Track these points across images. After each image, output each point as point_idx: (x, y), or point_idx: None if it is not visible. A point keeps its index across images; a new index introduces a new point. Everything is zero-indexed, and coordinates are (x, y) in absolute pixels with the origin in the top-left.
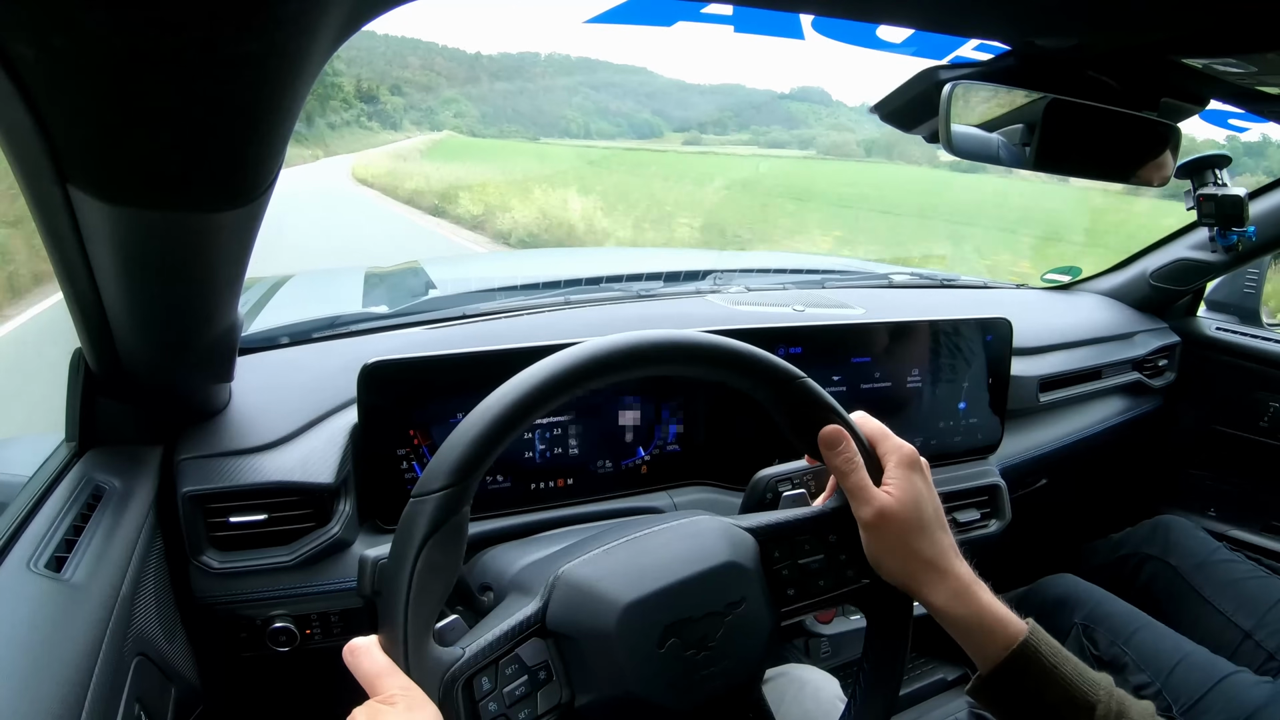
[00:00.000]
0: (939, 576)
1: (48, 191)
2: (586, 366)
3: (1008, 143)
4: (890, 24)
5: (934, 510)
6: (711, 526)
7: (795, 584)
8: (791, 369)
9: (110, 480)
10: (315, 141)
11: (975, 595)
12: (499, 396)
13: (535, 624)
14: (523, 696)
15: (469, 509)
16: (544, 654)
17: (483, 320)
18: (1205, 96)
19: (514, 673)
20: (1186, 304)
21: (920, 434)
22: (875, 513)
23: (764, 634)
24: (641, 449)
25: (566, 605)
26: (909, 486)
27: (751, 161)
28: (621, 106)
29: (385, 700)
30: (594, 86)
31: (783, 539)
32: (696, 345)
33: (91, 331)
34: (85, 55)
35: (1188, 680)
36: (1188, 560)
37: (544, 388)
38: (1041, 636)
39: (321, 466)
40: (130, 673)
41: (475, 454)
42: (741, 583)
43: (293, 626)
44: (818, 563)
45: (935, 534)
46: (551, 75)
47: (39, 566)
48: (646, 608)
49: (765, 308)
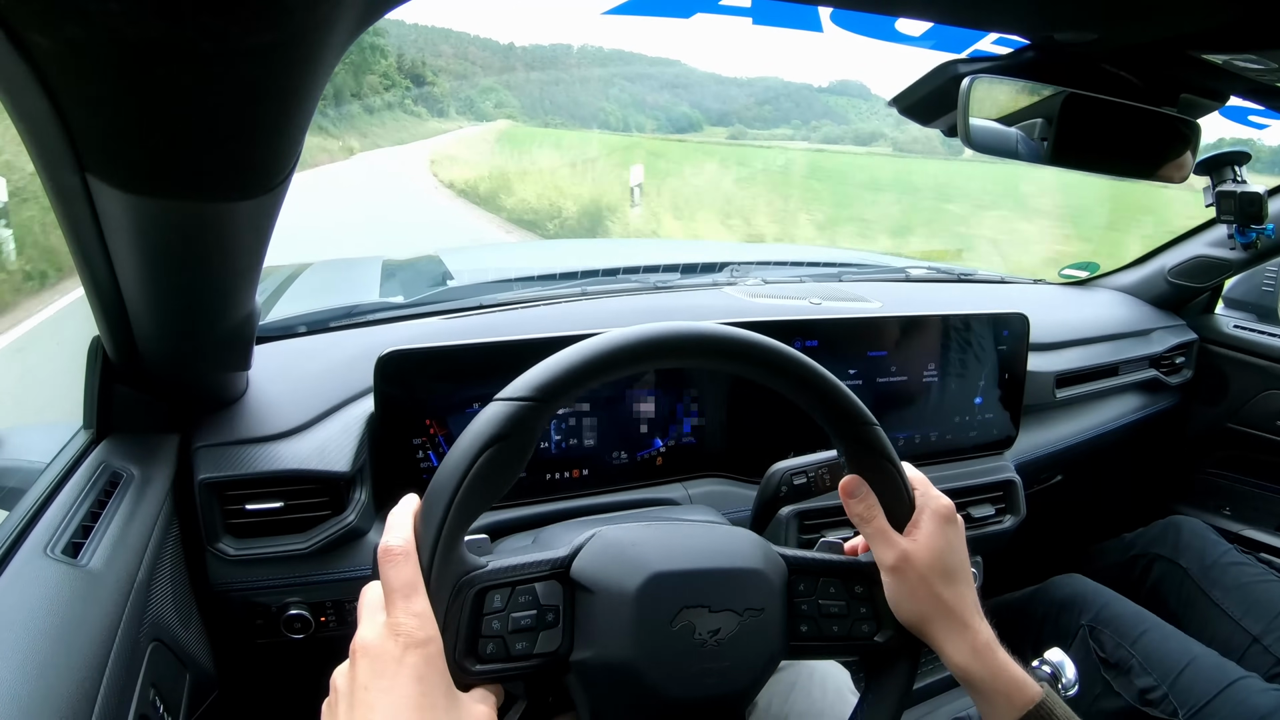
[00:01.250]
0: (959, 629)
1: (67, 181)
2: (692, 343)
3: (1026, 137)
4: (909, 17)
5: (960, 563)
6: (750, 537)
7: (811, 622)
8: (867, 413)
9: (127, 467)
10: (349, 127)
11: (994, 654)
12: (606, 337)
13: (560, 567)
14: (525, 629)
15: (538, 437)
16: (558, 599)
17: (499, 311)
18: (1225, 92)
19: (526, 603)
20: (1204, 301)
21: (935, 428)
22: (898, 556)
23: (770, 650)
24: (658, 440)
25: (595, 558)
26: (938, 535)
27: (864, 160)
28: (658, 99)
29: (391, 628)
30: (629, 78)
31: (811, 576)
32: (790, 360)
33: (110, 320)
34: (101, 45)
35: (1195, 684)
36: (1197, 562)
37: (646, 346)
38: (1055, 701)
39: (338, 455)
40: (145, 658)
41: (564, 378)
42: (765, 593)
43: (307, 614)
44: (838, 608)
45: (959, 586)
46: (586, 66)
47: (56, 552)
48: (671, 581)
49: (782, 300)
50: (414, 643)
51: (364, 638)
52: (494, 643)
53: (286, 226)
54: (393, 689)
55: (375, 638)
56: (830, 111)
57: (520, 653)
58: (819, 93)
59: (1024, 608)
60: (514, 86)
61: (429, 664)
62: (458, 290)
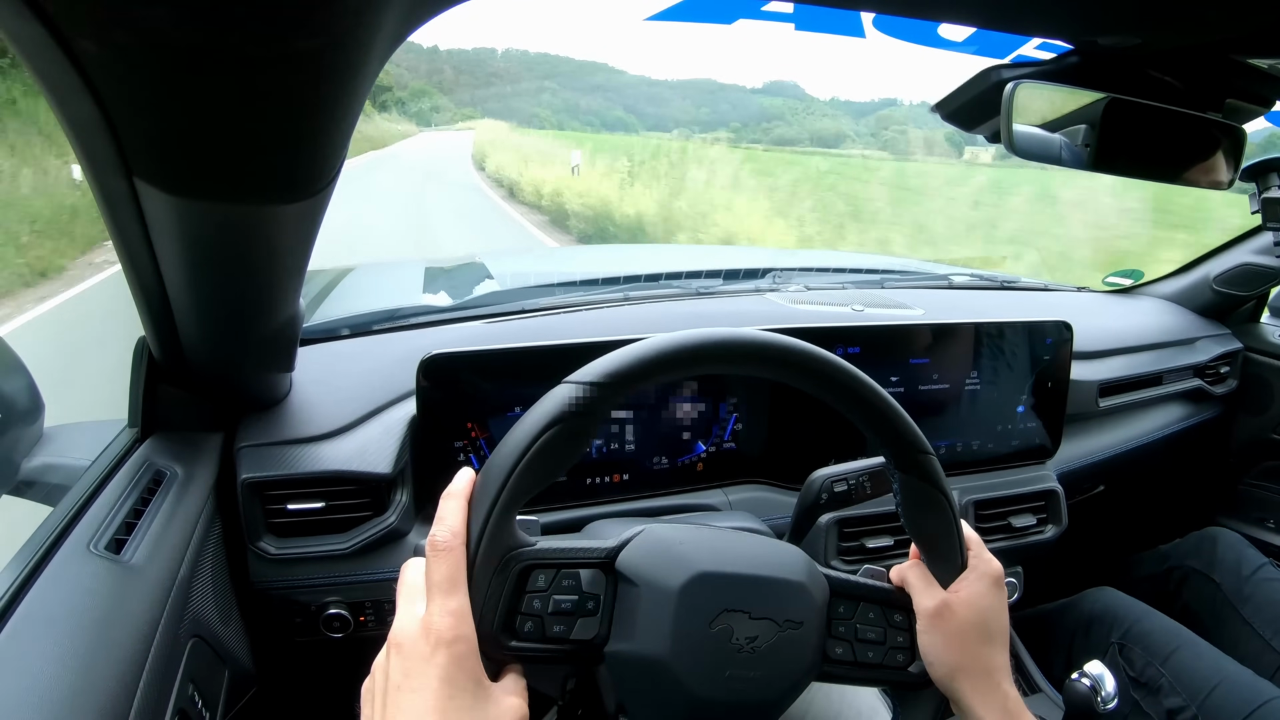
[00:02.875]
0: (990, 690)
1: (114, 184)
2: (756, 351)
3: (1070, 143)
4: (952, 22)
5: (1000, 628)
6: (796, 553)
7: (846, 645)
8: (925, 442)
9: (171, 465)
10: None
11: (1024, 717)
12: (679, 335)
13: (607, 558)
14: (564, 612)
15: (599, 423)
16: (601, 588)
17: (541, 315)
18: (1271, 97)
19: (569, 587)
20: (1250, 310)
21: (977, 437)
22: (940, 603)
23: (803, 666)
24: (700, 445)
25: (642, 553)
26: (983, 594)
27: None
28: (591, 104)
29: (425, 625)
30: (559, 83)
31: (852, 599)
32: (853, 379)
33: (155, 320)
34: (148, 50)
35: (1225, 705)
36: (1231, 576)
37: (713, 349)
38: None
39: (379, 457)
40: (185, 653)
41: (635, 369)
42: (805, 608)
43: (346, 613)
44: (875, 634)
45: (995, 648)
46: (515, 72)
47: (99, 548)
48: (714, 583)
49: (824, 307)
50: (444, 641)
51: (398, 631)
52: (532, 621)
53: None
54: (421, 689)
55: (409, 634)
56: (767, 113)
57: (556, 635)
58: (753, 94)
59: (1055, 621)
60: (445, 90)
61: (458, 664)
62: (500, 294)
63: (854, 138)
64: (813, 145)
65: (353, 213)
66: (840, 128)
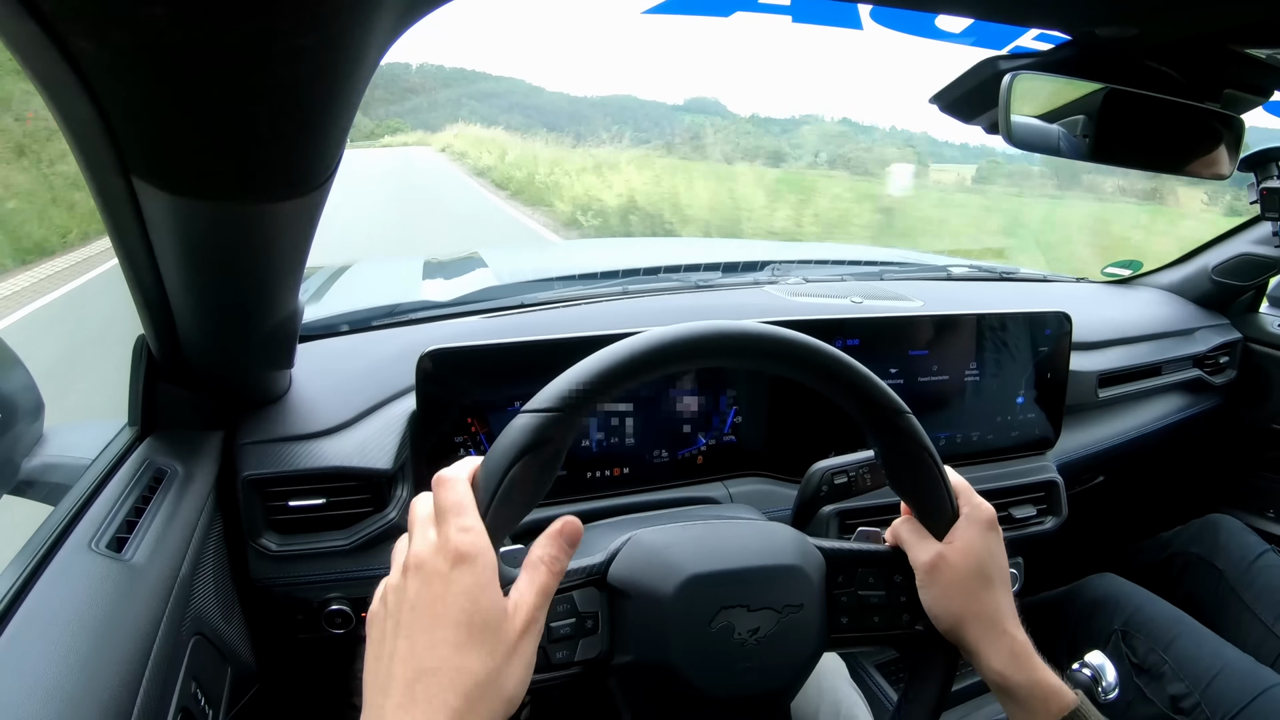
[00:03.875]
0: (996, 636)
1: (112, 183)
2: (715, 343)
3: (1068, 134)
4: (949, 13)
5: (999, 570)
6: (787, 532)
7: (851, 613)
8: (900, 402)
9: (171, 463)
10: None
11: (1031, 661)
12: (627, 343)
13: (597, 574)
14: (565, 637)
15: (565, 447)
16: (597, 605)
17: (540, 310)
18: (1269, 88)
19: (564, 611)
20: (1249, 300)
21: (977, 428)
22: (934, 556)
23: (810, 646)
24: (700, 438)
25: (631, 563)
26: (976, 540)
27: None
28: (511, 120)
29: (442, 544)
30: (477, 99)
31: (849, 567)
32: (817, 353)
33: (154, 319)
34: (145, 49)
35: (1227, 691)
36: (1233, 563)
37: (666, 351)
38: (1089, 709)
39: (379, 452)
40: (187, 651)
41: (587, 388)
42: (803, 589)
43: (348, 609)
44: (877, 598)
45: (996, 592)
46: (431, 87)
47: (100, 547)
48: (708, 583)
49: (823, 299)
50: (463, 559)
51: (415, 553)
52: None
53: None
54: (442, 607)
55: (426, 554)
56: (693, 130)
57: (561, 661)
58: (675, 110)
59: (1057, 608)
60: (361, 106)
61: (477, 580)
62: (498, 289)
63: (794, 154)
64: (763, 163)
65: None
66: (779, 145)
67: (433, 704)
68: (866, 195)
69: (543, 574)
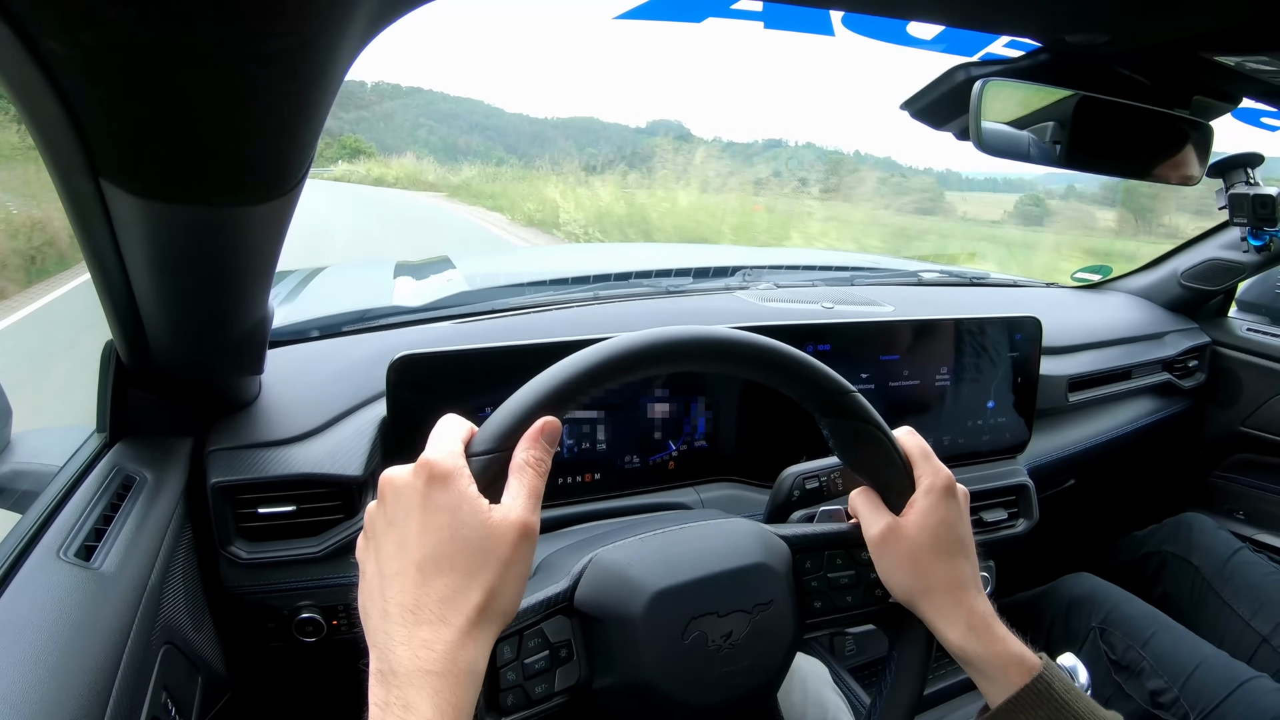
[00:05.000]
0: (953, 606)
1: (81, 186)
2: (641, 354)
3: (1038, 140)
4: (921, 20)
5: (958, 538)
6: (747, 528)
7: (823, 597)
8: (843, 382)
9: (140, 471)
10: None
11: (990, 630)
12: (552, 372)
13: (563, 601)
14: (541, 671)
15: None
16: (567, 632)
17: (512, 315)
18: (1237, 94)
19: (536, 646)
20: (1217, 304)
21: (948, 432)
22: (884, 528)
23: (787, 639)
24: (671, 444)
25: (596, 586)
26: (931, 509)
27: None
28: (470, 142)
29: (419, 464)
30: (435, 118)
31: (815, 551)
32: (753, 346)
33: (123, 323)
34: (115, 50)
35: (1206, 686)
36: (1209, 560)
37: (596, 370)
38: (1055, 672)
39: (350, 459)
40: (158, 661)
41: (521, 424)
42: (771, 585)
43: (319, 617)
44: (848, 579)
45: (955, 561)
46: (386, 104)
47: (69, 555)
48: (675, 597)
49: (794, 304)
50: (437, 475)
51: (389, 473)
52: (513, 693)
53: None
54: (430, 529)
55: (402, 473)
56: (655, 153)
57: (541, 695)
58: (637, 133)
59: (1034, 607)
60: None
61: (451, 497)
62: (470, 294)
63: (780, 180)
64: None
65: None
66: (758, 170)
67: (437, 628)
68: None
69: (529, 476)
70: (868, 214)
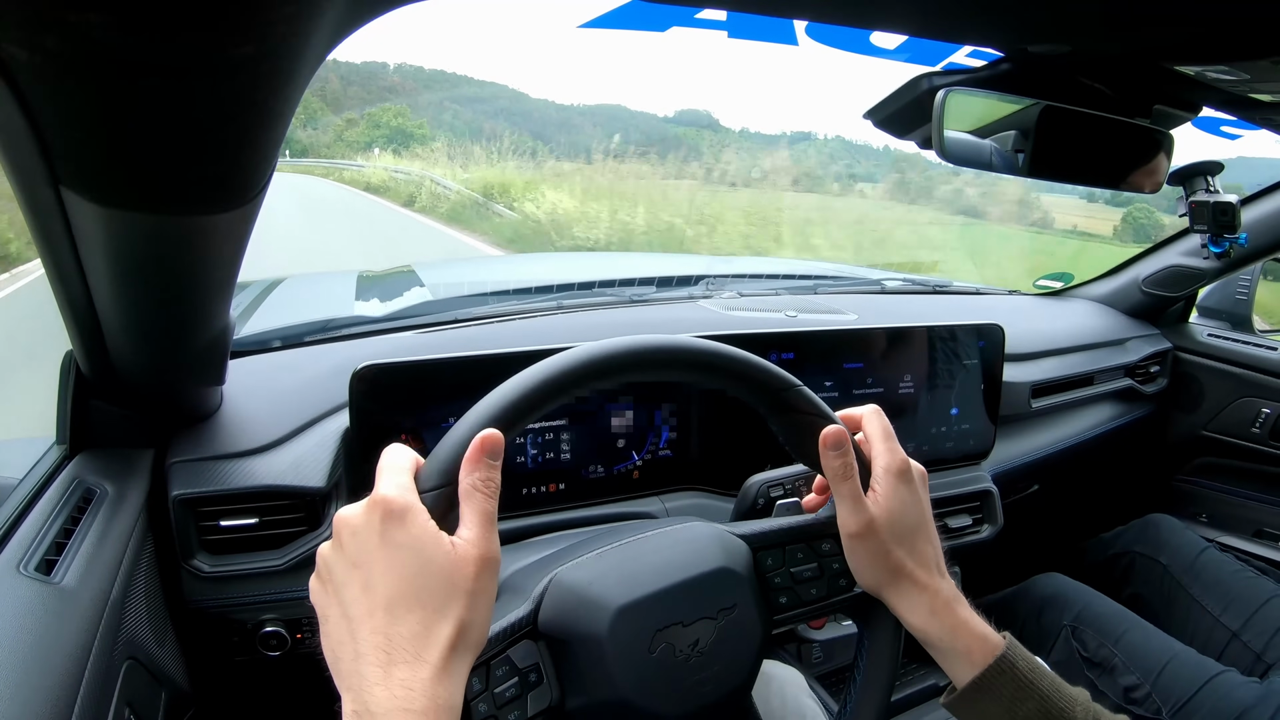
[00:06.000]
0: (916, 591)
1: (41, 194)
2: (579, 371)
3: (1000, 149)
4: (884, 30)
5: (918, 522)
6: (705, 532)
7: (787, 592)
8: (787, 377)
9: (101, 483)
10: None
11: (953, 612)
12: (489, 401)
13: (527, 626)
14: (513, 699)
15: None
16: (535, 656)
17: (475, 325)
18: (1198, 103)
19: (505, 674)
20: (1179, 310)
21: (913, 440)
22: (863, 524)
23: (755, 640)
24: (635, 454)
25: (558, 608)
26: (894, 496)
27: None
28: (495, 127)
29: (371, 502)
30: (460, 103)
31: (776, 546)
32: (693, 351)
33: (84, 334)
34: (79, 58)
35: (1176, 681)
36: (1178, 559)
37: (535, 393)
38: (1019, 651)
39: (313, 470)
40: (120, 676)
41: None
42: (734, 588)
43: (283, 630)
44: (810, 571)
45: (917, 545)
46: (411, 88)
47: (29, 569)
48: (638, 612)
49: (758, 313)
50: (394, 512)
51: (343, 514)
52: None
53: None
54: (382, 562)
55: (356, 512)
56: (685, 143)
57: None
58: (665, 122)
59: (1006, 607)
60: (331, 103)
61: (411, 533)
62: (433, 304)
63: (841, 179)
64: (794, 187)
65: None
66: (810, 165)
67: (413, 666)
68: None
69: (479, 500)
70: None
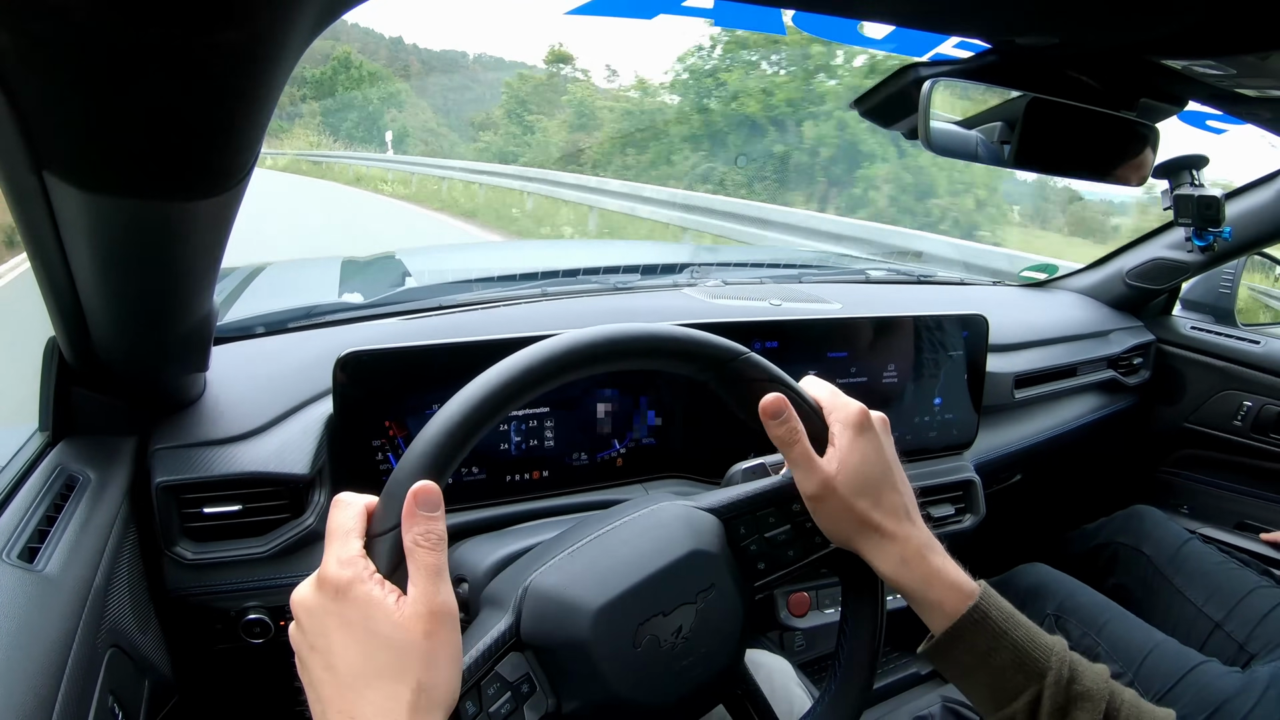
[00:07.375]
0: (885, 541)
1: (23, 179)
2: (511, 387)
3: (986, 140)
4: (871, 20)
5: (882, 471)
6: (673, 514)
7: (764, 558)
8: (733, 346)
9: (84, 470)
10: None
11: (925, 560)
12: (421, 444)
13: (511, 639)
14: (509, 713)
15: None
16: (524, 667)
17: (459, 311)
18: (1184, 97)
19: (496, 691)
20: (1162, 303)
21: (896, 429)
22: (819, 485)
23: (739, 613)
24: (617, 442)
25: (538, 616)
26: (853, 450)
27: None
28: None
29: (319, 580)
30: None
31: (746, 515)
32: (632, 338)
33: (66, 320)
34: (63, 42)
35: (1158, 670)
36: (1161, 550)
37: (468, 424)
38: (993, 600)
39: (297, 457)
40: (104, 665)
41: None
42: (709, 568)
43: (267, 618)
44: (784, 534)
45: (884, 495)
46: (483, 74)
47: (11, 557)
48: (617, 610)
49: (742, 301)
50: (340, 588)
51: (297, 595)
52: None
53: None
54: (338, 642)
55: (307, 592)
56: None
57: None
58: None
59: None
60: (421, 91)
61: (359, 602)
62: (417, 291)
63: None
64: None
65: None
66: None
67: None
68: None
69: (422, 555)
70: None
